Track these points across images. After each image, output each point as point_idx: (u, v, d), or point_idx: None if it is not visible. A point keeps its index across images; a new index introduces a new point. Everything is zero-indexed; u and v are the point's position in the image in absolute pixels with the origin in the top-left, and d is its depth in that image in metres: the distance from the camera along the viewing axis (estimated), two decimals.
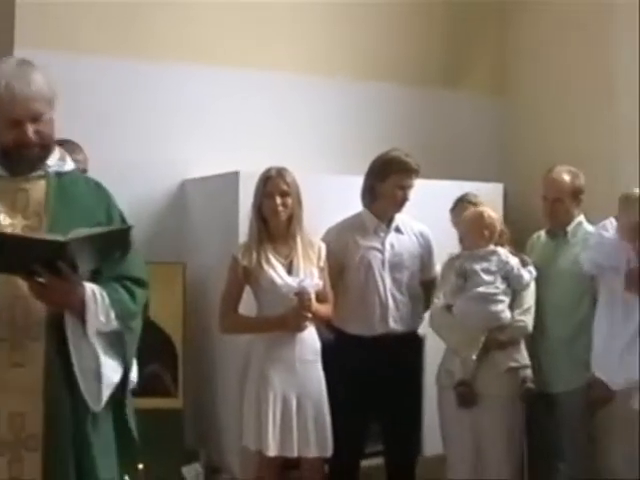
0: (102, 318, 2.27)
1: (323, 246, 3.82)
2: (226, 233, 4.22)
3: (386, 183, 3.86)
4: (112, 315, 2.28)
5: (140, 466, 3.69)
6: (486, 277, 3.72)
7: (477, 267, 3.73)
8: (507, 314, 3.70)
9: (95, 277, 2.33)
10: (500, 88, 5.62)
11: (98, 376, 2.26)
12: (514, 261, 3.77)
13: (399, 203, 3.90)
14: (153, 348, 3.48)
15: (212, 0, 4.68)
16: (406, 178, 3.86)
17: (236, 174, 4.18)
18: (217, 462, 4.37)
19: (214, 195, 4.49)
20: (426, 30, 5.34)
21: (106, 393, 2.29)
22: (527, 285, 3.78)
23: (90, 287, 2.28)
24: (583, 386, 3.74)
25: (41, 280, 2.17)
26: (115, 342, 2.33)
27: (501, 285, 3.72)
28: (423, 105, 5.34)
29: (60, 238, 2.12)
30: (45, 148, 2.31)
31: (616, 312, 3.48)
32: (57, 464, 2.24)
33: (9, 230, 2.21)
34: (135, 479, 3.34)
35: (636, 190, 3.56)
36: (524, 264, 3.80)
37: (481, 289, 3.70)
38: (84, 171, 3.43)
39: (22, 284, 2.21)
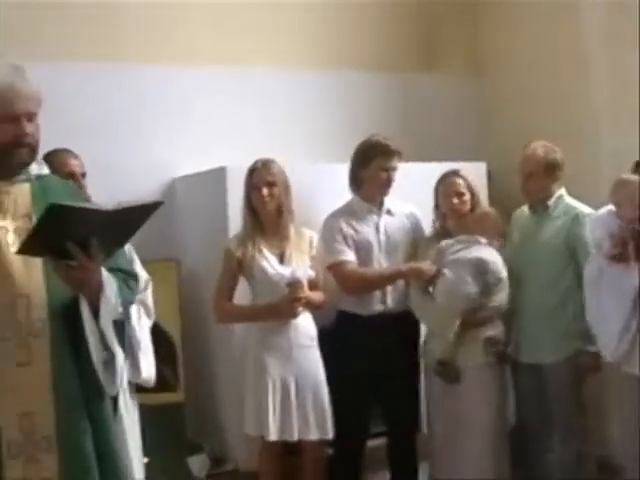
0: (114, 301, 2.23)
1: (315, 235, 3.91)
2: (216, 227, 4.27)
3: (369, 168, 3.93)
4: (119, 300, 2.27)
5: (145, 460, 3.75)
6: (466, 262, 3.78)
7: (460, 252, 3.82)
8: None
9: None
10: (478, 68, 5.65)
11: (110, 361, 2.24)
12: (498, 259, 3.82)
13: (384, 185, 3.96)
14: (152, 344, 3.52)
15: (185, 1, 4.72)
16: (388, 160, 3.92)
17: (223, 169, 4.23)
18: (221, 453, 4.42)
19: (203, 191, 4.54)
20: (401, 15, 5.38)
21: (120, 378, 2.28)
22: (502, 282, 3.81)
23: (102, 268, 2.24)
24: (570, 356, 3.81)
25: (71, 263, 2.13)
26: (117, 331, 2.30)
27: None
28: (403, 90, 5.38)
29: (104, 208, 2.09)
30: (33, 151, 2.32)
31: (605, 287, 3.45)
32: (77, 463, 2.20)
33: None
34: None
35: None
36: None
37: (457, 272, 3.76)
38: (83, 175, 3.49)
39: (22, 282, 2.19)
